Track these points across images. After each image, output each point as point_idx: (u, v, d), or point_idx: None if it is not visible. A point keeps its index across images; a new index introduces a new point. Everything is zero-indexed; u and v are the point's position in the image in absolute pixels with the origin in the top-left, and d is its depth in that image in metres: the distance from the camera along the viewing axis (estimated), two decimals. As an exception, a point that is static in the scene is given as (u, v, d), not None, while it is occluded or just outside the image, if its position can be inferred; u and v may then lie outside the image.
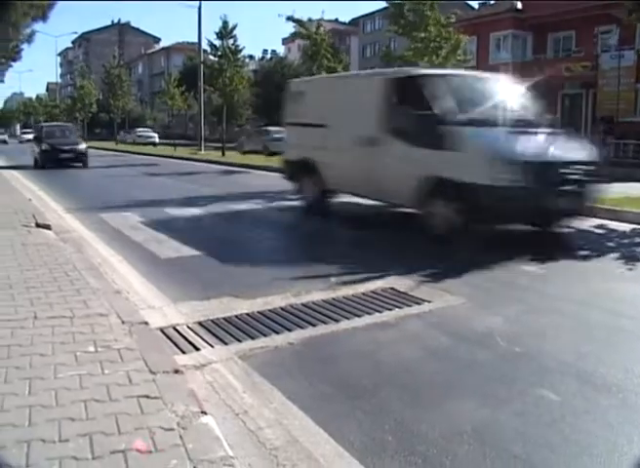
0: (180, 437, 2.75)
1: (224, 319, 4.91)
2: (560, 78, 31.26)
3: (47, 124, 36.19)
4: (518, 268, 6.84)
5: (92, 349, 3.78)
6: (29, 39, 27.14)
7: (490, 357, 4.19)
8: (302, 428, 3.18)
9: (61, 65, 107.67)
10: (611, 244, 8.67)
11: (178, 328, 4.69)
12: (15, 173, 21.17)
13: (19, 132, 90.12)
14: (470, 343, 4.44)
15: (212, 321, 4.86)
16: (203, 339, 4.46)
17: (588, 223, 9.98)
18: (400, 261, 7.08)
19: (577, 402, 3.51)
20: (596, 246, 8.33)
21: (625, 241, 9.00)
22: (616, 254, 7.72)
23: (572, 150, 6.55)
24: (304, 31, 25.01)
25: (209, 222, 9.79)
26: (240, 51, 31.80)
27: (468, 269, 6.65)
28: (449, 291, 5.76)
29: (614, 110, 28.20)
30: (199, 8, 36.74)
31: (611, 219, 10.28)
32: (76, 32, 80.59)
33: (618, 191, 14.58)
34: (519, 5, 34.77)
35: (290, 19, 26.08)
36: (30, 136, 55.69)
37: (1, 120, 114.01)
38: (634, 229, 9.61)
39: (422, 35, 17.11)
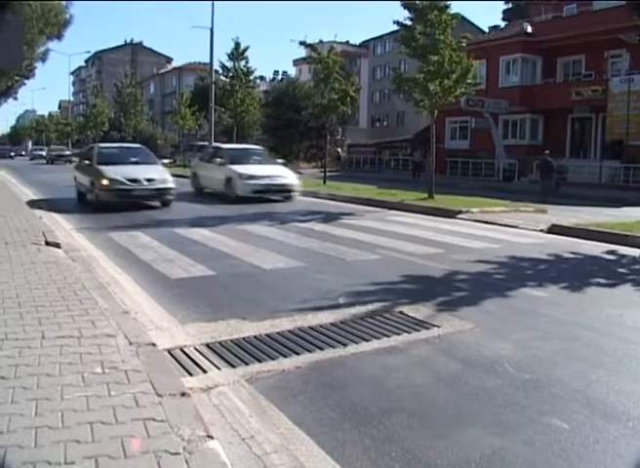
0: (186, 461, 2.72)
1: (232, 341, 4.90)
2: (569, 102, 31.36)
3: None
4: (528, 294, 6.81)
5: (99, 370, 3.77)
6: (43, 57, 27.66)
7: (499, 384, 4.15)
8: (309, 454, 3.15)
9: (74, 84, 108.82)
10: (622, 270, 8.62)
11: (185, 349, 4.68)
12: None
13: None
14: (479, 369, 4.41)
15: (219, 343, 4.85)
16: (210, 361, 4.45)
17: (599, 249, 9.94)
18: (409, 288, 7.09)
19: (586, 430, 3.47)
20: (607, 271, 8.28)
21: (637, 267, 8.95)
22: (627, 280, 7.67)
23: None
24: (317, 56, 25.17)
25: (217, 243, 9.79)
26: (252, 72, 32.05)
27: (478, 295, 6.63)
28: (458, 316, 5.73)
29: (623, 134, 28.20)
30: (211, 30, 37.18)
31: (621, 245, 10.24)
32: (89, 51, 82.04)
33: (628, 215, 14.56)
34: (529, 29, 34.99)
35: (302, 43, 26.33)
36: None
37: (15, 137, 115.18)
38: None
39: (435, 58, 17.17)
